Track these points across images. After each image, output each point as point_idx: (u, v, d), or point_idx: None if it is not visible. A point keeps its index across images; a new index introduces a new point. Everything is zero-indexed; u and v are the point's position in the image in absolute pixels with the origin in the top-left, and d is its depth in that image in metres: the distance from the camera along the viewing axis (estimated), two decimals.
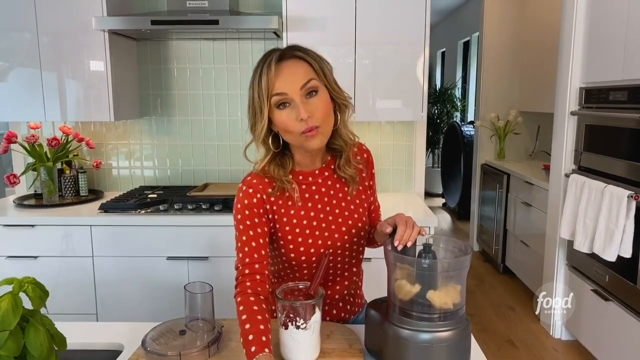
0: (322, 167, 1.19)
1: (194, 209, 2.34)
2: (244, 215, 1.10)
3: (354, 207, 1.20)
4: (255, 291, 1.03)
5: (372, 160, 1.28)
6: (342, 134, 1.15)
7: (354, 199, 1.21)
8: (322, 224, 1.16)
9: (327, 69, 1.09)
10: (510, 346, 2.82)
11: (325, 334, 1.11)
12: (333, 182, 1.19)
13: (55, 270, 2.31)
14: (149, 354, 1.01)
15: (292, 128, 1.05)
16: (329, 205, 1.17)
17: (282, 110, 1.05)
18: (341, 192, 1.20)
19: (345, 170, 1.18)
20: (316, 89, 1.05)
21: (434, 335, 0.91)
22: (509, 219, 3.83)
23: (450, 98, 6.98)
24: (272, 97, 1.03)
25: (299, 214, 1.15)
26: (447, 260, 0.99)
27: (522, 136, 4.28)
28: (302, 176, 1.17)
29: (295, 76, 1.04)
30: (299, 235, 1.14)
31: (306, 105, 1.03)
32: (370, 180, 1.26)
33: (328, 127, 1.09)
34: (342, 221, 1.18)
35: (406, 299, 0.94)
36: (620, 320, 2.28)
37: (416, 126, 2.75)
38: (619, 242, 2.17)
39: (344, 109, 1.13)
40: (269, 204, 1.12)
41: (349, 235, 1.18)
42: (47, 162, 2.51)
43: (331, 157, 1.20)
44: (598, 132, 2.51)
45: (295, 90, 1.03)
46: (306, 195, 1.16)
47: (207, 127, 2.79)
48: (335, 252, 1.17)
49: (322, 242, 1.15)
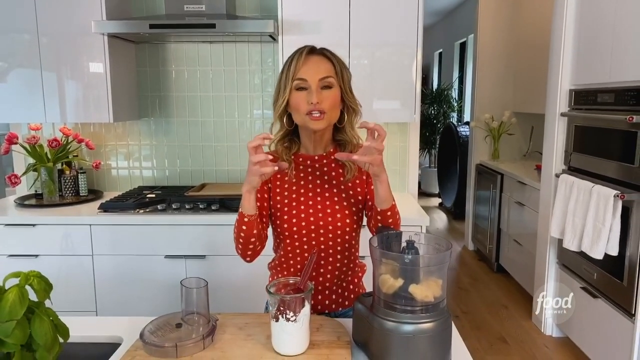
0: (323, 154, 1.33)
1: (191, 209, 2.39)
2: None
3: (346, 195, 1.30)
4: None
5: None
6: (347, 133, 1.31)
7: (349, 187, 1.31)
8: (309, 201, 1.28)
9: (347, 75, 1.29)
10: (502, 343, 2.88)
11: (315, 326, 1.16)
12: (330, 169, 1.33)
13: (55, 269, 2.36)
14: (146, 345, 1.06)
15: (301, 107, 1.22)
16: (320, 187, 1.30)
17: (299, 92, 1.22)
18: (336, 179, 1.32)
19: (346, 162, 1.29)
20: (331, 85, 1.23)
21: (416, 327, 0.97)
22: (502, 219, 3.89)
23: (447, 98, 7.04)
24: (295, 80, 1.21)
25: (291, 189, 1.30)
26: (428, 255, 1.04)
27: (516, 137, 4.34)
28: (302, 158, 1.33)
29: (318, 69, 1.23)
30: (290, 207, 1.28)
31: (318, 94, 1.21)
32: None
33: (332, 117, 1.25)
34: (335, 202, 1.28)
35: (390, 293, 1.00)
36: (609, 317, 2.34)
37: (410, 127, 2.81)
38: (606, 240, 2.23)
39: (352, 112, 1.30)
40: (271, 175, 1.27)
41: (341, 214, 1.28)
42: (48, 162, 2.56)
43: (334, 149, 1.34)
44: (587, 133, 2.57)
45: (314, 79, 1.21)
46: (301, 174, 1.31)
47: (204, 128, 2.85)
48: (326, 234, 1.27)
49: (314, 218, 1.27)
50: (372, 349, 1.02)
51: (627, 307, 2.20)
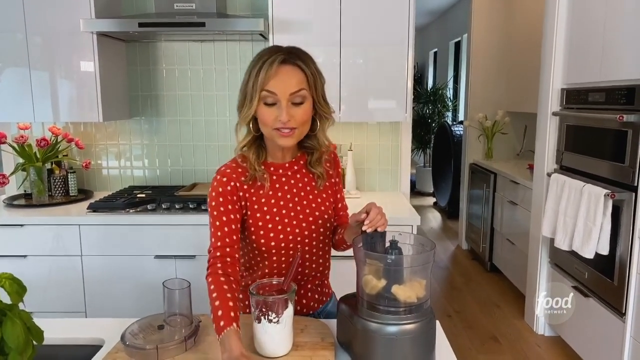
0: (292, 160, 1.27)
1: (181, 209, 2.38)
2: (218, 202, 1.17)
3: (321, 200, 1.28)
4: (226, 272, 1.11)
5: (339, 160, 1.38)
6: (319, 138, 1.25)
7: (321, 192, 1.29)
8: (290, 213, 1.23)
9: (320, 84, 1.18)
10: (494, 342, 2.88)
11: (300, 328, 1.15)
12: (302, 176, 1.28)
13: (44, 270, 2.34)
14: (128, 348, 1.04)
15: (269, 123, 1.14)
16: (297, 196, 1.25)
17: (268, 107, 1.13)
18: (309, 185, 1.28)
19: (316, 167, 1.26)
20: (303, 99, 1.14)
21: (400, 328, 0.96)
22: (496, 218, 3.89)
23: (442, 98, 7.04)
24: (263, 92, 1.11)
25: (269, 202, 1.22)
26: (411, 255, 1.03)
27: (510, 136, 4.34)
28: (273, 167, 1.25)
29: (289, 82, 1.12)
30: (269, 222, 1.21)
31: (289, 110, 1.12)
32: (337, 177, 1.35)
33: (302, 132, 1.18)
34: (310, 211, 1.25)
35: (373, 294, 0.99)
36: (600, 316, 2.33)
37: (402, 126, 2.80)
38: (597, 239, 2.23)
39: (324, 119, 1.23)
40: (241, 191, 1.19)
41: (316, 225, 1.25)
42: (37, 162, 2.54)
43: (302, 154, 1.29)
44: (578, 132, 2.56)
45: (284, 94, 1.11)
46: (276, 185, 1.24)
47: (195, 127, 2.83)
48: (303, 242, 1.24)
49: (290, 229, 1.22)
50: (356, 350, 1.01)
51: (618, 307, 2.20)
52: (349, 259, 2.05)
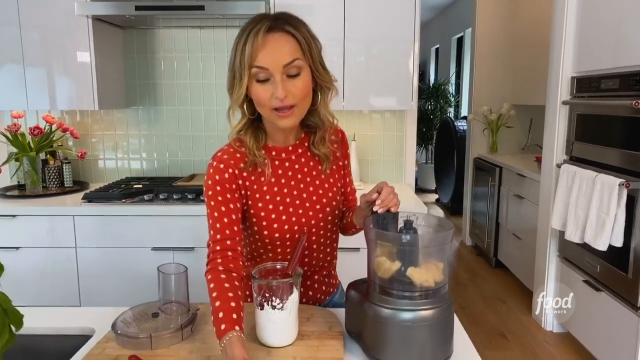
0: (295, 143, 1.15)
1: (179, 199, 2.30)
2: (215, 191, 1.06)
3: (328, 186, 1.18)
4: (227, 268, 0.99)
5: (347, 141, 1.26)
6: (321, 114, 1.12)
7: (328, 177, 1.18)
8: (295, 201, 1.13)
9: (316, 49, 1.04)
10: (501, 338, 2.80)
11: (305, 316, 1.07)
12: (307, 160, 1.16)
13: (37, 262, 2.26)
14: (119, 337, 0.96)
15: (265, 103, 1.01)
16: (302, 182, 1.15)
17: (260, 84, 1.00)
18: (315, 169, 1.17)
19: (320, 149, 1.15)
20: (299, 69, 1.00)
21: (416, 314, 0.88)
22: (501, 213, 3.81)
23: (444, 94, 6.96)
24: (253, 68, 0.98)
25: (272, 190, 1.11)
26: (428, 235, 0.95)
27: (515, 130, 4.26)
28: (275, 152, 1.13)
29: (281, 52, 0.98)
30: (272, 212, 1.10)
31: (285, 84, 0.99)
32: (344, 159, 1.24)
33: (303, 109, 1.05)
34: (317, 199, 1.15)
35: (386, 277, 0.91)
36: (612, 310, 2.25)
37: (407, 116, 2.72)
38: (610, 231, 2.15)
39: (326, 90, 1.10)
40: (241, 179, 1.08)
41: (323, 213, 1.15)
42: (30, 152, 2.46)
43: (305, 135, 1.17)
44: (589, 121, 2.48)
45: (277, 66, 0.98)
46: (279, 171, 1.13)
47: (194, 117, 2.75)
48: (310, 231, 1.14)
49: (296, 219, 1.12)
50: (367, 339, 0.93)
51: (632, 300, 2.12)
52: (354, 251, 1.98)
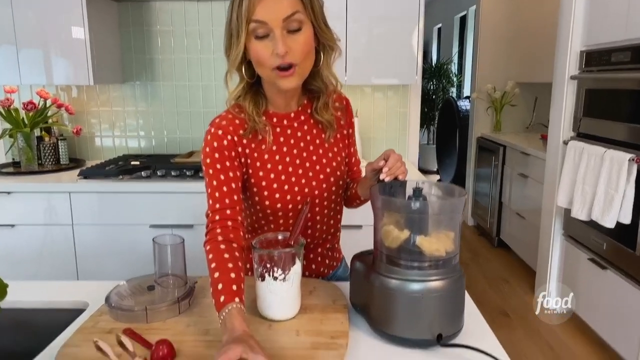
0: (297, 109, 1.09)
1: (178, 176, 2.25)
2: (214, 159, 1.00)
3: (332, 155, 1.12)
4: (227, 238, 0.94)
5: (351, 109, 1.20)
6: (324, 76, 1.06)
7: (332, 146, 1.13)
8: (298, 170, 1.07)
9: (317, 5, 0.98)
10: (504, 317, 2.77)
11: (308, 290, 1.03)
12: (309, 127, 1.11)
13: (34, 239, 2.22)
14: (113, 310, 0.92)
15: (265, 61, 0.94)
16: (305, 151, 1.09)
17: (259, 41, 0.93)
18: (318, 138, 1.11)
19: (323, 115, 1.09)
20: (300, 24, 0.93)
21: (425, 285, 0.83)
22: (504, 192, 3.76)
23: (446, 73, 6.86)
24: (251, 23, 0.92)
25: (273, 159, 1.06)
26: (439, 201, 0.90)
27: (519, 109, 4.18)
28: (276, 118, 1.07)
29: (280, 5, 0.91)
30: (274, 182, 1.05)
31: (285, 40, 0.92)
32: (349, 128, 1.18)
33: (305, 68, 0.98)
34: (320, 168, 1.10)
35: (394, 247, 0.86)
36: (618, 288, 2.22)
37: (410, 92, 2.65)
38: (619, 207, 2.10)
39: (329, 50, 1.03)
40: (240, 146, 1.03)
41: (326, 183, 1.10)
42: (24, 128, 2.40)
43: (308, 100, 1.11)
44: (598, 96, 2.42)
45: (276, 20, 0.91)
46: (281, 139, 1.07)
47: (192, 93, 2.68)
48: (313, 202, 1.09)
49: (298, 189, 1.07)
50: (373, 312, 0.89)
51: (639, 278, 2.08)
52: (357, 229, 1.93)
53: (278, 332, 0.88)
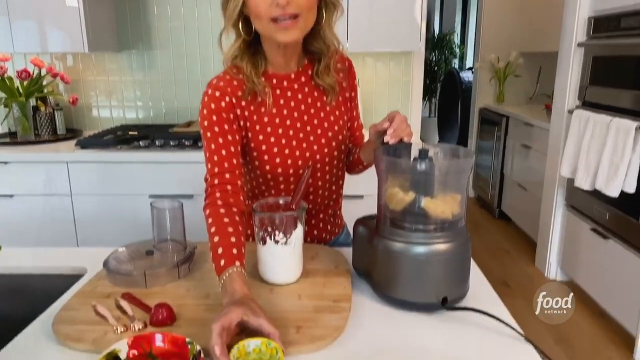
0: (298, 70, 1.05)
1: (176, 146, 2.21)
2: (212, 121, 0.97)
3: (334, 118, 1.08)
4: (227, 202, 0.92)
5: (354, 71, 1.15)
6: (326, 37, 1.01)
7: (334, 109, 1.09)
8: (299, 134, 1.04)
9: None
10: (504, 287, 2.78)
11: (310, 255, 1.01)
12: (310, 90, 1.06)
13: (33, 210, 2.20)
14: (111, 274, 0.90)
15: (263, 13, 0.88)
16: (306, 114, 1.05)
17: None
18: (319, 101, 1.07)
19: (324, 78, 1.04)
20: None
21: (429, 248, 0.81)
22: (506, 163, 3.73)
23: (449, 44, 6.73)
24: None
25: (273, 122, 1.02)
26: (445, 162, 0.87)
27: (523, 79, 4.11)
28: (275, 79, 1.03)
29: None
30: (274, 145, 1.02)
31: None
32: (351, 91, 1.14)
33: (307, 22, 0.93)
34: (321, 132, 1.06)
35: (398, 209, 0.83)
36: (620, 257, 2.21)
37: (413, 59, 2.59)
38: (624, 176, 2.07)
39: (331, 8, 0.98)
40: (239, 108, 0.99)
41: (328, 148, 1.07)
42: (19, 97, 2.35)
43: (309, 62, 1.06)
44: (606, 64, 2.36)
45: None
46: (281, 101, 1.03)
47: (190, 61, 2.62)
48: (315, 167, 1.06)
49: (299, 153, 1.04)
50: (376, 276, 0.87)
51: None
52: (359, 199, 1.90)
53: (280, 296, 0.86)
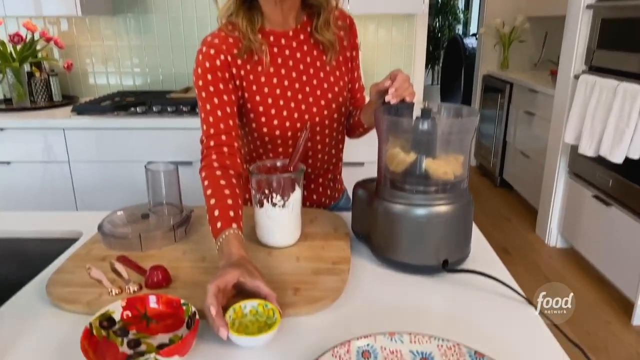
0: (296, 27, 1.00)
1: (174, 112, 2.18)
2: (206, 81, 0.94)
3: (334, 79, 1.04)
4: (223, 164, 0.90)
5: (356, 29, 1.10)
6: None
7: (334, 69, 1.04)
8: (297, 94, 1.00)
9: None
10: (504, 254, 2.79)
11: (309, 218, 0.99)
12: (309, 48, 1.02)
13: (30, 177, 2.18)
14: (106, 237, 0.89)
15: None
16: (305, 74, 1.01)
17: None
18: (319, 60, 1.03)
19: (324, 34, 1.00)
20: None
21: (430, 210, 0.79)
22: (509, 131, 3.69)
23: (453, 10, 6.57)
24: None
25: (270, 81, 0.98)
26: (448, 121, 0.84)
27: (528, 45, 4.02)
28: (273, 36, 0.99)
29: None
30: (271, 106, 0.99)
31: None
32: (353, 50, 1.09)
33: None
34: (321, 93, 1.02)
35: (399, 171, 0.81)
36: (621, 224, 2.20)
37: (416, 22, 2.51)
38: (629, 142, 2.04)
39: None
40: (235, 67, 0.96)
41: (328, 109, 1.03)
42: (13, 62, 2.30)
43: (307, 17, 1.01)
44: (615, 26, 2.29)
45: None
46: (278, 60, 0.99)
47: (187, 25, 2.55)
48: (314, 129, 1.03)
49: (298, 114, 1.00)
50: (376, 239, 0.86)
51: None
52: (359, 166, 1.88)
53: (278, 258, 0.85)
